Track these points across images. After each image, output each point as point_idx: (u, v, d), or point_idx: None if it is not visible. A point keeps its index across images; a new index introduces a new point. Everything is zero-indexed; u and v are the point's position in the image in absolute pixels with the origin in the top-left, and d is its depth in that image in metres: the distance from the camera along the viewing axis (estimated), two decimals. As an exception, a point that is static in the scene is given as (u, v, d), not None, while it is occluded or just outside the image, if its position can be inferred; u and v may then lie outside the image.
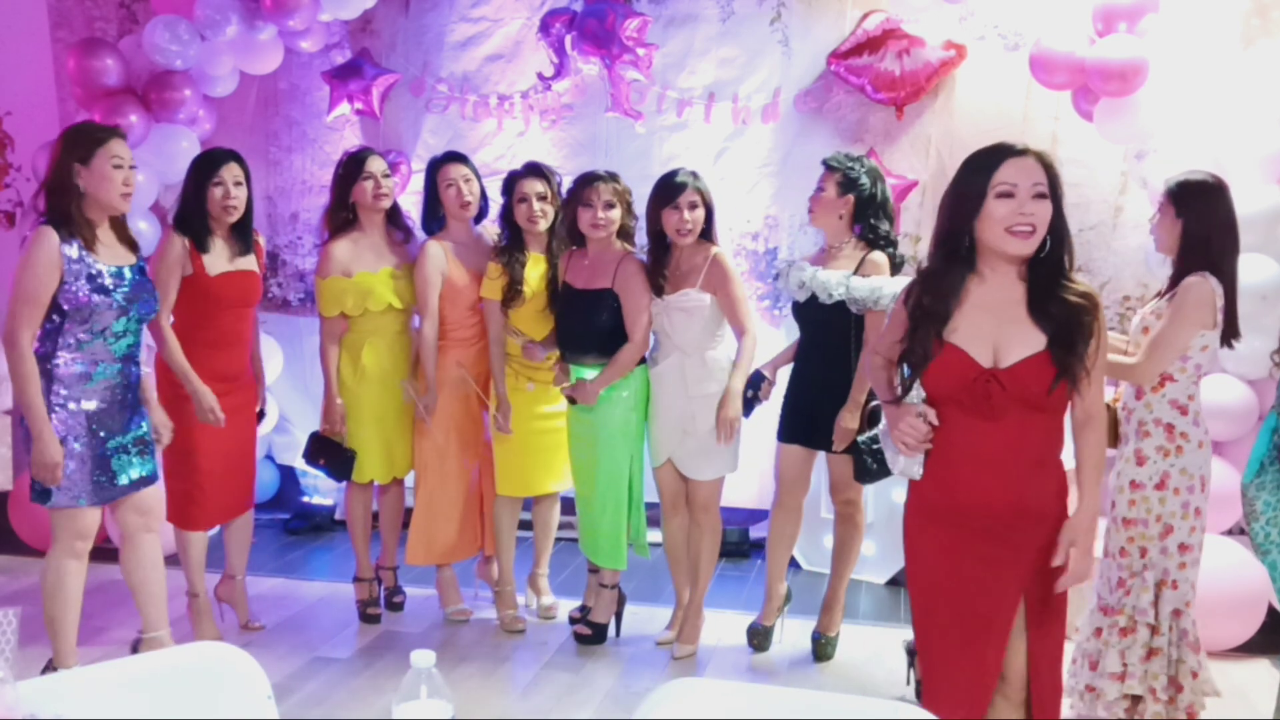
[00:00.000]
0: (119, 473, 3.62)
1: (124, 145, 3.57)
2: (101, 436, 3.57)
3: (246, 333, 4.24)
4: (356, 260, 4.33)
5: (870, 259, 3.95)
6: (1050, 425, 2.62)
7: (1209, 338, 3.29)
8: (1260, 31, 4.67)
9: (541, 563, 4.62)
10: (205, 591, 4.27)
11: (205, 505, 4.16)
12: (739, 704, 1.87)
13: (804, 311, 4.04)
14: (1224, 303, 3.27)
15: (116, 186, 3.51)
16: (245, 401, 4.25)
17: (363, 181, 4.31)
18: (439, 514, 4.41)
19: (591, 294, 4.10)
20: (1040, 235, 2.51)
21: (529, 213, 4.17)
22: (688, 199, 3.97)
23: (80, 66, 5.16)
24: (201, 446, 4.07)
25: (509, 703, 3.84)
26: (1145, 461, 3.33)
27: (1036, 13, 4.95)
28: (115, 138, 3.56)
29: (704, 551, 4.20)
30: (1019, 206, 2.49)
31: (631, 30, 5.37)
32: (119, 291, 3.53)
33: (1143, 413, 3.36)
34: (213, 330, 4.08)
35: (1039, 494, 2.61)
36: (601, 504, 4.17)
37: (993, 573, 2.61)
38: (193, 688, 1.86)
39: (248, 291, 4.15)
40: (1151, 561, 3.32)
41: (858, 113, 5.34)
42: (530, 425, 4.28)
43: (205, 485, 4.12)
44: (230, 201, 4.02)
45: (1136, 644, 3.31)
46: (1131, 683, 3.30)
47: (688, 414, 4.06)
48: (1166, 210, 3.36)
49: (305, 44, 5.52)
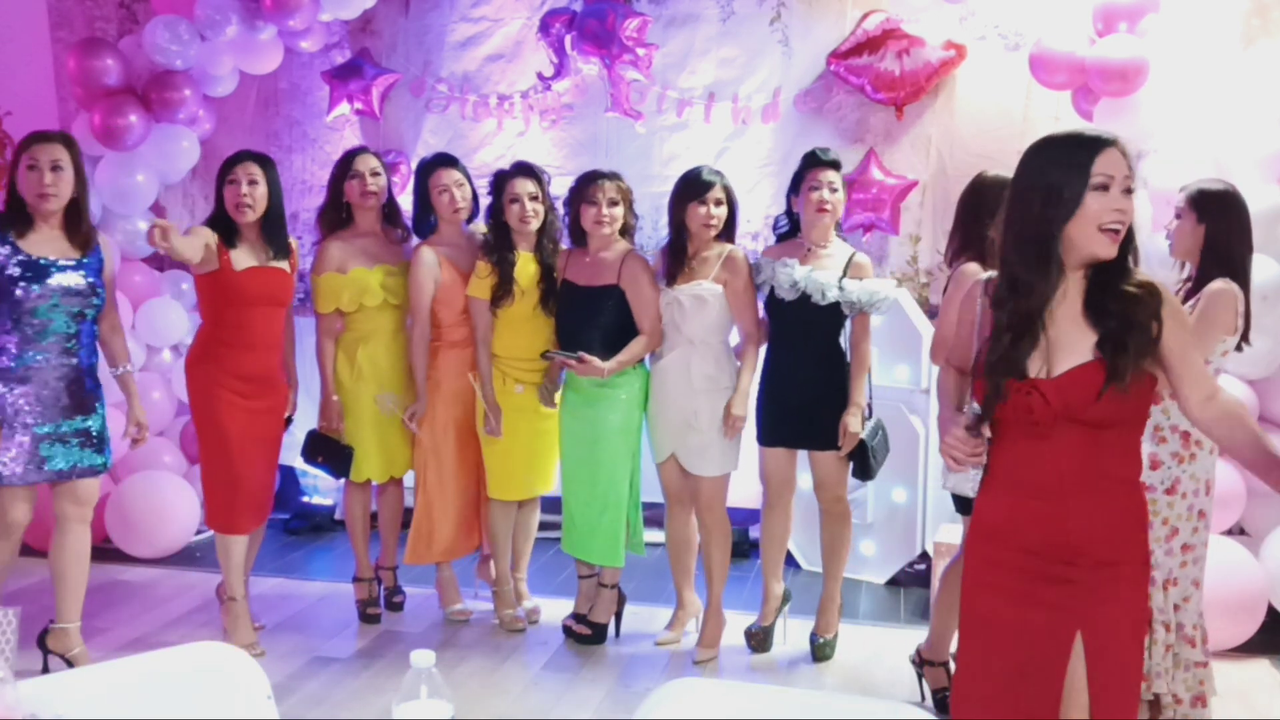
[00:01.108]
0: (48, 459, 3.72)
1: (47, 148, 3.68)
2: (28, 423, 3.69)
3: (277, 335, 4.21)
4: (351, 258, 4.33)
5: (857, 260, 4.00)
6: (1118, 443, 2.24)
7: (1229, 342, 3.34)
8: (1260, 31, 4.67)
9: (521, 567, 4.58)
10: (244, 596, 4.23)
11: (243, 509, 4.15)
12: (739, 704, 1.87)
13: (793, 311, 4.03)
14: (1244, 307, 3.32)
15: (32, 187, 3.67)
16: (274, 405, 4.24)
17: (350, 180, 4.33)
18: (438, 512, 4.40)
19: (596, 291, 4.10)
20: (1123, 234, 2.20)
21: (522, 213, 4.17)
22: (715, 195, 4.02)
23: (80, 66, 5.16)
24: (237, 451, 4.08)
25: (509, 703, 3.84)
26: (1159, 466, 3.38)
27: (1037, 13, 4.95)
28: (37, 142, 3.71)
29: (715, 554, 4.19)
30: (1112, 202, 2.17)
31: (631, 30, 5.37)
32: (42, 282, 3.67)
33: (1159, 418, 3.39)
34: (243, 330, 4.07)
35: (1102, 527, 2.21)
36: (601, 502, 4.17)
37: (1046, 618, 2.23)
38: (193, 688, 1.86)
39: (276, 290, 4.12)
40: (1157, 562, 3.37)
41: (858, 113, 5.34)
42: (521, 428, 4.27)
43: (243, 489, 4.12)
44: (243, 200, 4.00)
45: (1157, 644, 3.36)
46: (1159, 683, 3.35)
47: (691, 409, 4.06)
48: (1188, 216, 3.38)
49: (305, 44, 5.52)
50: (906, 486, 4.99)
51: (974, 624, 2.35)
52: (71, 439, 3.75)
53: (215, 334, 4.09)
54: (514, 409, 4.26)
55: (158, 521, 5.17)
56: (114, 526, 5.20)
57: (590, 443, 4.16)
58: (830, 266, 3.99)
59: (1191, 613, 3.39)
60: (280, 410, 4.29)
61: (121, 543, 5.22)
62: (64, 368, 3.75)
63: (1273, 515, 4.35)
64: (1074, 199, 2.17)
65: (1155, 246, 4.02)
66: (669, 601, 4.51)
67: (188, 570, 5.11)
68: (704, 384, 4.06)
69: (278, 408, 4.27)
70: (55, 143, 3.72)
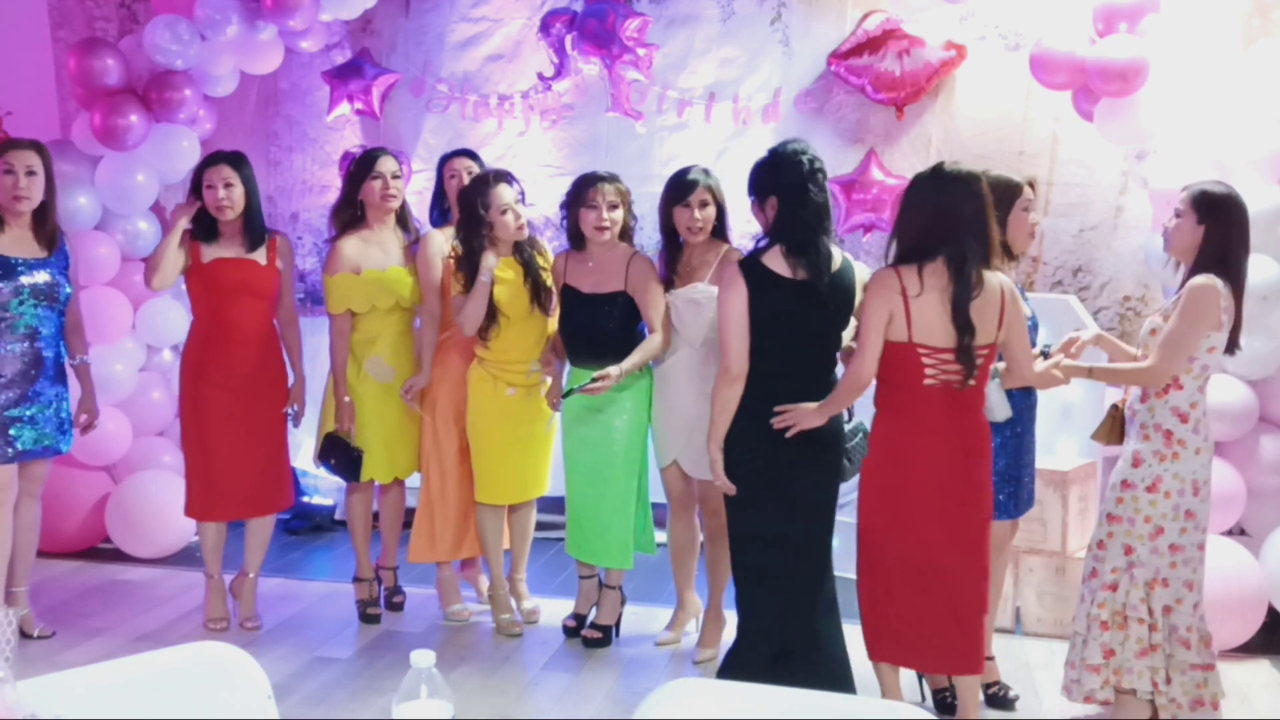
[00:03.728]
0: (15, 438, 4.03)
1: (21, 154, 4.01)
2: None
3: (259, 329, 4.31)
4: (365, 258, 4.34)
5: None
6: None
7: (1216, 339, 3.34)
8: (1260, 31, 4.67)
9: (520, 567, 4.57)
10: (220, 575, 4.43)
11: (212, 499, 4.33)
12: (739, 704, 1.87)
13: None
14: (1233, 307, 3.33)
15: (6, 190, 3.99)
16: (267, 401, 4.34)
17: (371, 181, 4.34)
18: (440, 511, 4.40)
19: (602, 298, 4.07)
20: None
21: (517, 220, 4.14)
22: (699, 197, 3.97)
23: (80, 66, 5.16)
24: (213, 443, 4.26)
25: (509, 703, 3.84)
26: (1141, 464, 3.41)
27: (1037, 13, 4.96)
28: (12, 149, 4.03)
29: (717, 556, 4.16)
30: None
31: (632, 30, 5.38)
32: (14, 278, 3.99)
33: (1145, 416, 3.41)
34: (220, 322, 4.25)
35: None
36: (612, 505, 4.15)
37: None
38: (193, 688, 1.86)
39: (250, 280, 4.25)
40: (1141, 560, 3.40)
41: (858, 113, 5.35)
42: (510, 432, 4.26)
43: (213, 480, 4.30)
44: (221, 203, 4.20)
45: (1130, 640, 3.40)
46: (1130, 678, 3.39)
47: (695, 412, 4.04)
48: (1188, 216, 3.39)
49: (305, 44, 5.52)
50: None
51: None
52: (39, 418, 4.07)
53: (196, 327, 4.33)
54: (505, 412, 4.25)
55: (158, 521, 5.16)
56: (114, 526, 5.20)
57: (598, 447, 4.14)
58: None
59: (1185, 615, 3.39)
60: (275, 406, 4.36)
61: (121, 543, 5.22)
62: (30, 356, 4.05)
63: (1273, 515, 4.35)
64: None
65: (1156, 246, 4.02)
66: (669, 602, 4.51)
67: (188, 570, 5.10)
68: (706, 385, 4.04)
69: (271, 404, 4.34)
70: (29, 149, 4.03)
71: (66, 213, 5.05)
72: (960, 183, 3.19)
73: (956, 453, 3.23)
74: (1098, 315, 5.02)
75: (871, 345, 3.19)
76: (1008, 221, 3.50)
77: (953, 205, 3.16)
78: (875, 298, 3.19)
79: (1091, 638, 3.44)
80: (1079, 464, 4.45)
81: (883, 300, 3.17)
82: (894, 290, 3.16)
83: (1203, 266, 3.35)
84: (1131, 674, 3.38)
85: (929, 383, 3.18)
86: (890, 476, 3.28)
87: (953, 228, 3.14)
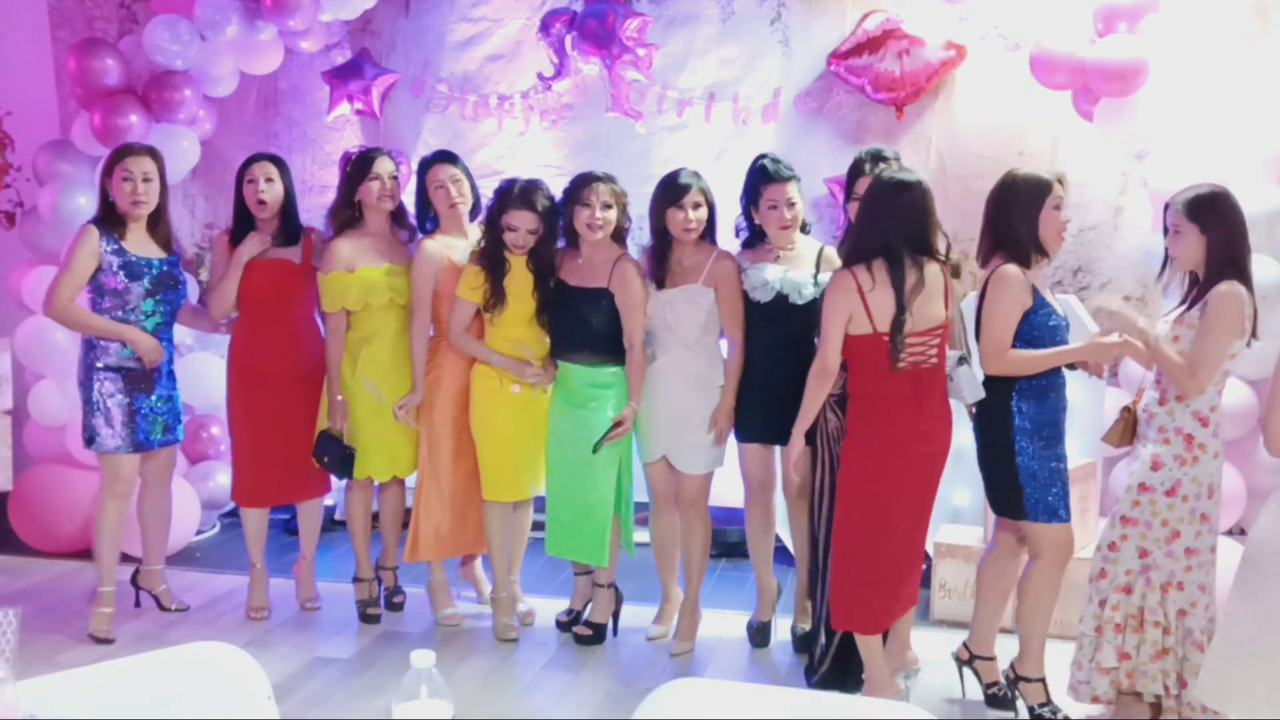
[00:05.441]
0: (146, 429, 4.31)
1: (138, 161, 4.20)
2: (125, 402, 4.24)
3: (297, 322, 4.48)
4: (360, 257, 4.34)
5: (827, 255, 4.04)
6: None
7: (1238, 345, 3.32)
8: (1260, 31, 4.68)
9: (514, 569, 4.57)
10: (262, 564, 4.62)
11: (253, 485, 4.54)
12: (739, 704, 1.87)
13: (770, 311, 4.04)
14: (1252, 305, 3.31)
15: (126, 195, 4.18)
16: (305, 391, 4.46)
17: (369, 182, 4.34)
18: (436, 510, 4.38)
19: (587, 292, 4.11)
20: None
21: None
22: (692, 199, 4.03)
23: (80, 66, 5.16)
24: (257, 433, 4.47)
25: (509, 703, 3.84)
26: (1160, 468, 3.37)
27: (1037, 13, 4.95)
28: (131, 155, 4.23)
29: (695, 548, 4.22)
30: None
31: (631, 30, 5.38)
32: (145, 278, 4.21)
33: (1164, 419, 3.38)
34: (264, 320, 4.42)
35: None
36: (590, 502, 4.16)
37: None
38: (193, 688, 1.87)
39: (280, 277, 4.40)
40: (1156, 563, 3.37)
41: (858, 113, 5.35)
42: (515, 428, 4.25)
43: (255, 467, 4.51)
44: (260, 196, 4.35)
45: (1146, 643, 3.38)
46: (1144, 680, 3.38)
47: (685, 409, 4.08)
48: (1188, 230, 3.34)
49: (305, 44, 5.52)
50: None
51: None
52: (163, 413, 4.35)
53: (240, 324, 4.50)
54: (509, 409, 4.25)
55: (158, 521, 5.15)
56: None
57: (578, 443, 4.14)
58: (802, 265, 4.03)
59: (1200, 618, 3.38)
60: (313, 395, 4.47)
61: (121, 543, 5.20)
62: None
63: (1273, 515, 4.34)
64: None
65: (1156, 247, 4.02)
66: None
67: (188, 570, 5.11)
68: (695, 382, 4.09)
69: (308, 392, 4.46)
70: (144, 155, 4.25)
71: (66, 213, 5.06)
72: (890, 189, 3.49)
73: (922, 422, 3.51)
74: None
75: (831, 340, 3.50)
76: (1038, 220, 3.47)
77: (881, 210, 3.47)
78: (834, 298, 3.49)
79: (1105, 640, 3.41)
80: (1079, 464, 4.44)
81: (841, 300, 3.47)
82: (850, 290, 3.46)
83: (1217, 272, 3.31)
84: (1146, 677, 3.37)
85: (901, 366, 3.43)
86: (865, 453, 3.53)
87: (882, 230, 3.45)
